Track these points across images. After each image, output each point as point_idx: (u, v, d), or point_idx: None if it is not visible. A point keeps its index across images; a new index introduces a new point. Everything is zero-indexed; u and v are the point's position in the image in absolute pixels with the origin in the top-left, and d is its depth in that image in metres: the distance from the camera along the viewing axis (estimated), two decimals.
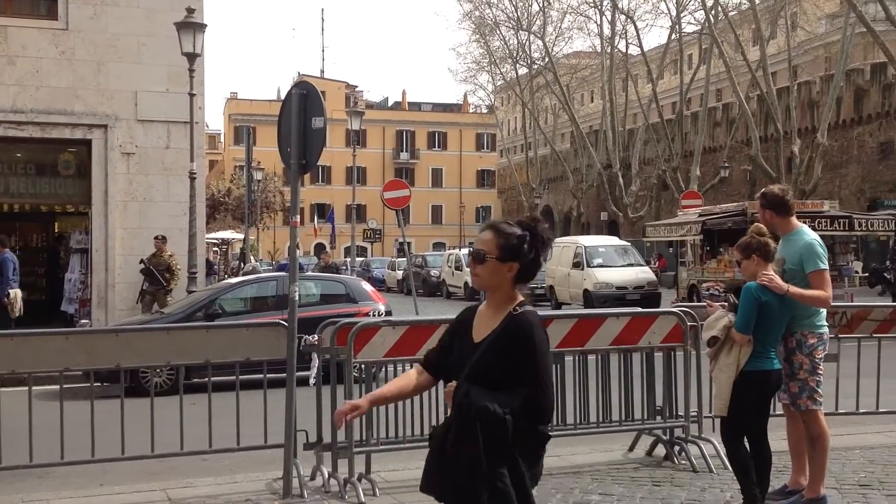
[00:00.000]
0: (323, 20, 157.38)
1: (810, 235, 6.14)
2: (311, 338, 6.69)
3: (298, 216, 6.68)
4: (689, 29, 50.22)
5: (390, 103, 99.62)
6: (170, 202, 16.96)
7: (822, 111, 41.85)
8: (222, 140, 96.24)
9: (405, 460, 7.02)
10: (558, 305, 26.66)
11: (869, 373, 7.83)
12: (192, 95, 16.31)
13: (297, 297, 6.49)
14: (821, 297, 5.81)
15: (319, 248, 76.54)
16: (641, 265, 27.08)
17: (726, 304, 5.89)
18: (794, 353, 5.92)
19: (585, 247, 26.67)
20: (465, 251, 38.36)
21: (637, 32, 52.00)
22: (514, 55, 59.48)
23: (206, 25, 16.62)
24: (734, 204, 26.06)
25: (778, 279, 5.64)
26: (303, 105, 6.47)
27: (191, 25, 16.17)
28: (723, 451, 6.49)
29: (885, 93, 44.87)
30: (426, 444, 6.63)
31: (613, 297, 23.94)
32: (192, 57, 16.20)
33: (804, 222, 20.43)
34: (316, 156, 6.51)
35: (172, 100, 16.71)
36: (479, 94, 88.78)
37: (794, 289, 5.69)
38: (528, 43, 58.27)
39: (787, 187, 6.38)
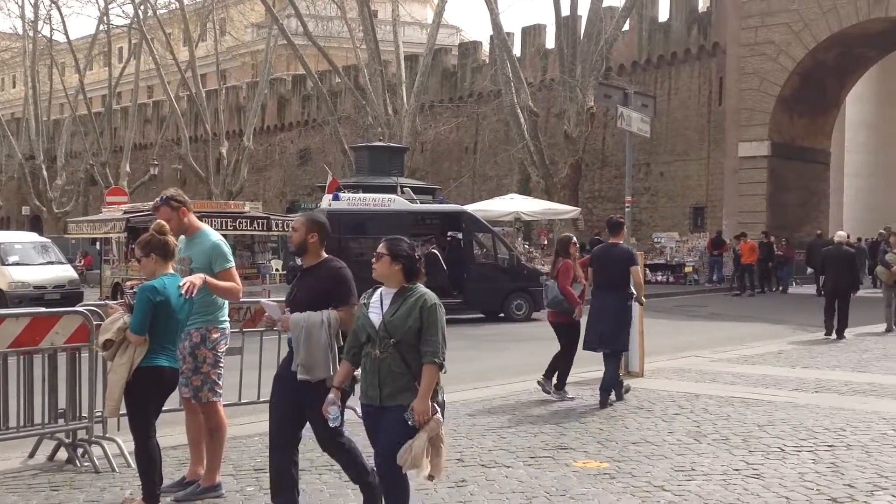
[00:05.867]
0: None
1: (215, 236, 6.35)
2: None
3: None
4: (117, 21, 49.22)
5: None
6: None
7: (248, 116, 43.86)
8: None
9: None
10: None
11: (271, 364, 8.37)
12: None
13: None
14: (233, 288, 6.12)
15: None
16: (63, 263, 25.89)
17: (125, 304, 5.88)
18: (198, 347, 6.12)
19: (0, 244, 24.72)
20: None
21: (62, 19, 49.71)
22: None
23: None
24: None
25: (197, 283, 5.76)
26: None
27: None
28: (127, 450, 6.51)
29: (304, 103, 48.48)
30: None
31: (31, 297, 22.50)
32: None
33: (223, 222, 20.77)
34: None
35: None
36: None
37: (210, 279, 5.90)
38: None
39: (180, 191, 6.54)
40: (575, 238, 10.48)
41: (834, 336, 15.14)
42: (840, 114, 36.14)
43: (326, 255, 5.67)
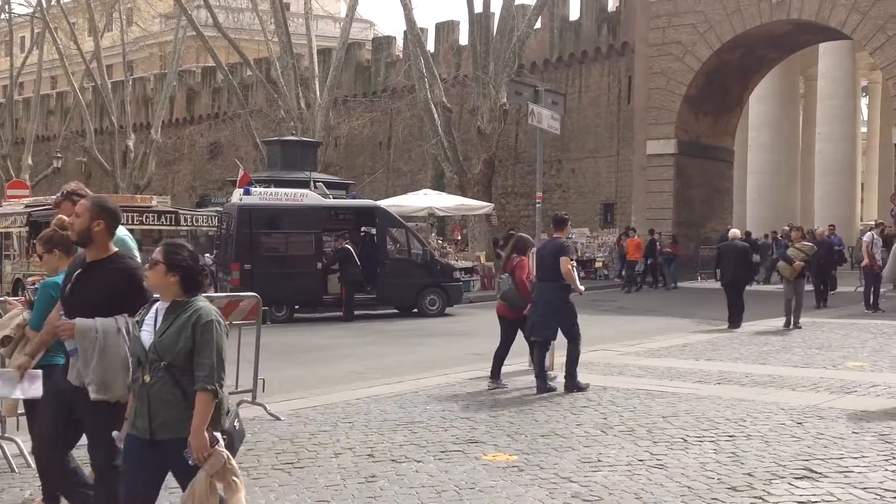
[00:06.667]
0: None
1: (120, 231, 6.19)
2: None
3: None
4: (20, 10, 47.74)
5: None
6: None
7: (156, 108, 42.96)
8: None
9: None
10: None
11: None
12: None
13: None
14: None
15: None
16: None
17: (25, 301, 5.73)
18: None
19: None
20: None
21: None
22: None
23: None
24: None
25: None
26: None
27: None
28: (27, 450, 6.33)
29: (214, 95, 47.68)
30: None
31: None
32: None
33: (129, 216, 20.37)
34: None
35: None
36: None
37: None
38: None
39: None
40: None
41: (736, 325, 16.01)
42: (743, 113, 37.23)
43: (117, 250, 4.96)
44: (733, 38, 30.24)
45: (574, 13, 36.84)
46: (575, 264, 10.45)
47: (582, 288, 10.38)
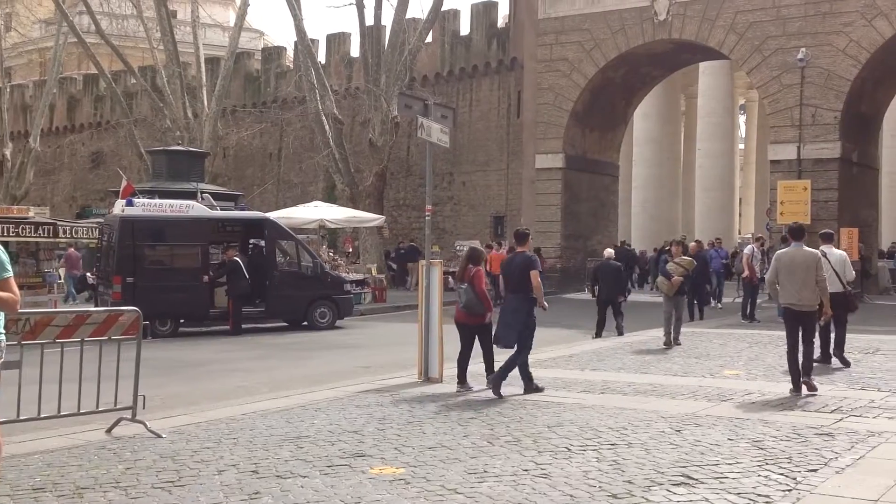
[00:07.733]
0: None
1: None
2: None
3: None
4: None
5: None
6: None
7: (35, 116, 41.52)
8: None
9: None
10: None
11: (52, 378, 7.96)
12: None
13: None
14: (10, 299, 5.77)
15: None
16: None
17: None
18: None
19: None
20: None
21: None
22: None
23: None
24: None
25: None
26: None
27: None
28: None
29: (97, 104, 46.36)
30: None
31: None
32: None
33: (4, 228, 19.68)
34: None
35: None
36: None
37: None
38: None
39: None
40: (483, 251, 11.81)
41: (614, 333, 17.08)
42: (628, 129, 38.26)
43: None
44: (617, 56, 31.05)
45: (465, 28, 37.23)
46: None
47: (546, 304, 11.00)
